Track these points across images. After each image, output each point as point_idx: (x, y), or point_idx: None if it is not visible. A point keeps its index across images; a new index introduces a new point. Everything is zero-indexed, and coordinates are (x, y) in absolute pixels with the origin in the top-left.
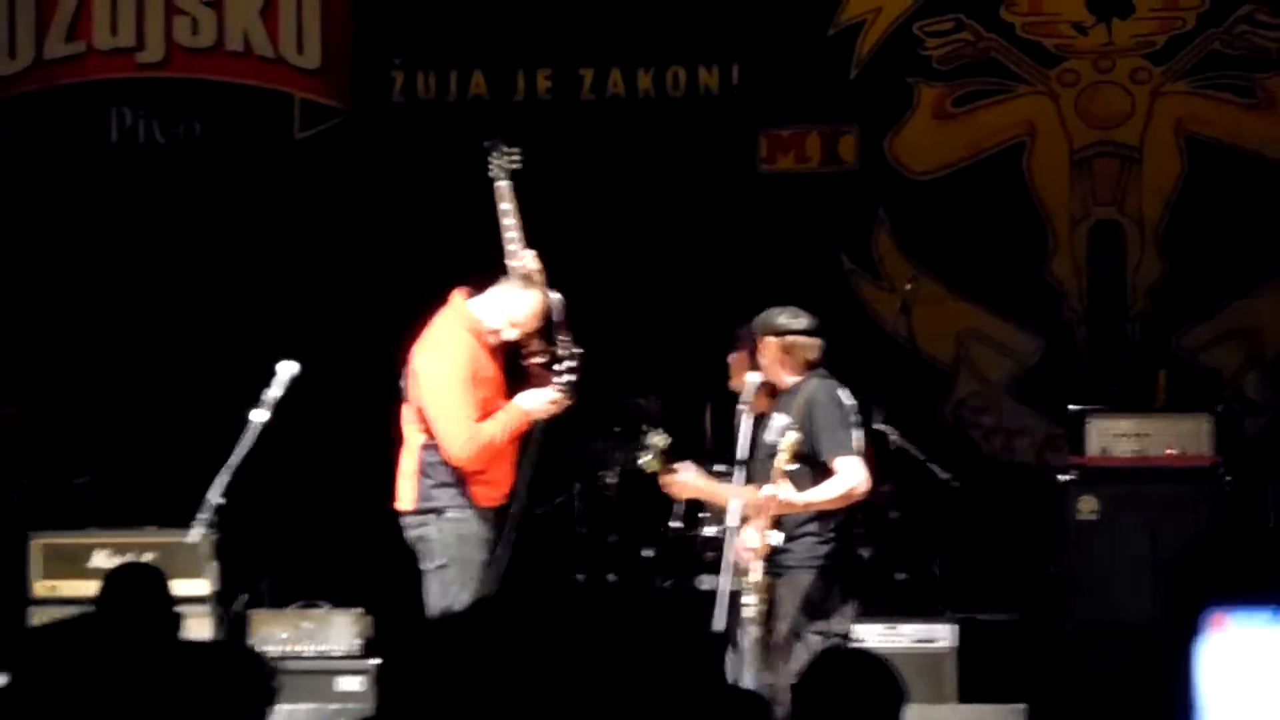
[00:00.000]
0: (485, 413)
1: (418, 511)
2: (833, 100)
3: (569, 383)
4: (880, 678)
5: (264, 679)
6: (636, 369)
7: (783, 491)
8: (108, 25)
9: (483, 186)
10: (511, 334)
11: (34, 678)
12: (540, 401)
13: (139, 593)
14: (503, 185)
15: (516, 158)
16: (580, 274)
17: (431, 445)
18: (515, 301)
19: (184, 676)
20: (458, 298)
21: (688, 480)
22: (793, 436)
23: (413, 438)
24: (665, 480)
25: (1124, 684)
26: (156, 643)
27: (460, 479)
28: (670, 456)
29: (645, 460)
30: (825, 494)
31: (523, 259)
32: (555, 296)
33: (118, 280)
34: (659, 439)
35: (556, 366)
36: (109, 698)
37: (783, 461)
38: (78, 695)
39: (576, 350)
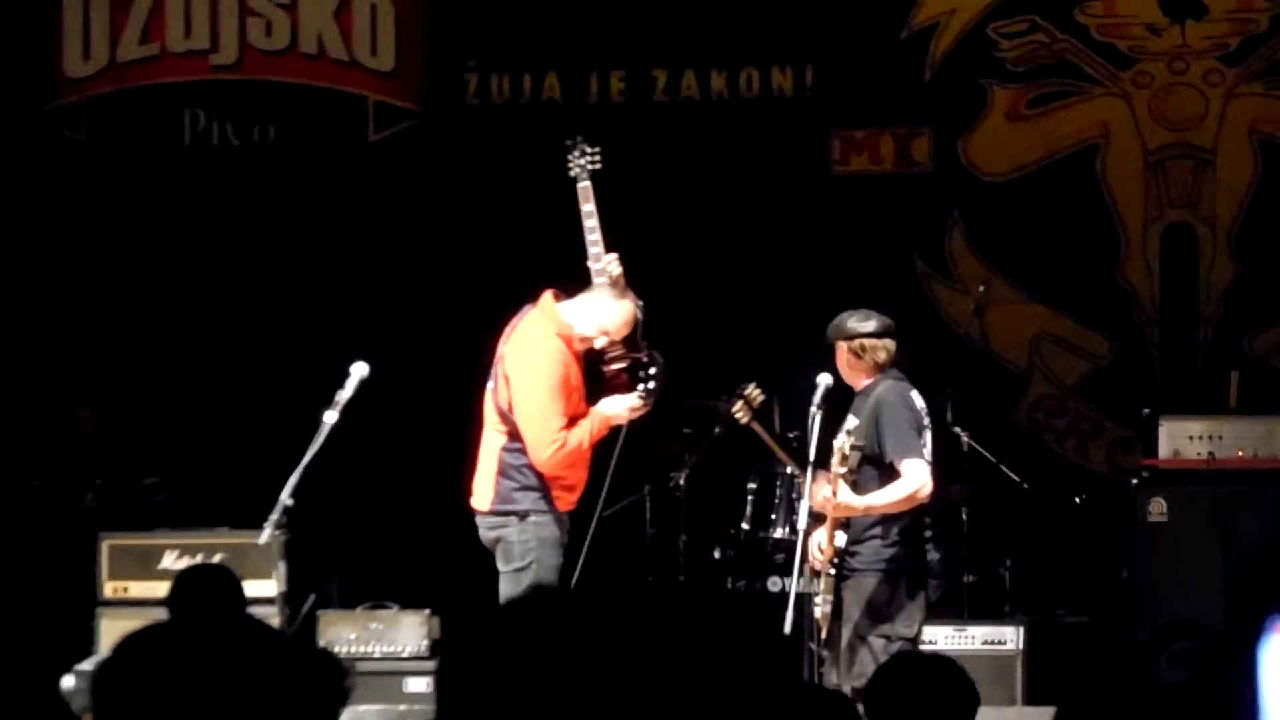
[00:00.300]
0: (571, 418)
1: (496, 513)
2: (906, 102)
3: (650, 390)
4: (955, 681)
5: (338, 679)
6: (709, 370)
7: (841, 495)
8: (181, 27)
9: (557, 188)
10: (602, 341)
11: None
12: (622, 408)
13: (211, 593)
14: (585, 186)
15: (597, 157)
16: (654, 275)
17: (514, 448)
18: (609, 310)
19: (258, 677)
20: (548, 299)
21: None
22: (844, 440)
23: (494, 438)
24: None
25: (1192, 687)
26: (230, 643)
27: (543, 483)
28: (761, 412)
29: (736, 408)
30: (887, 498)
31: (605, 262)
32: (636, 303)
33: (192, 283)
34: (754, 391)
35: (640, 373)
36: (184, 700)
37: (836, 465)
38: (154, 699)
39: (658, 357)
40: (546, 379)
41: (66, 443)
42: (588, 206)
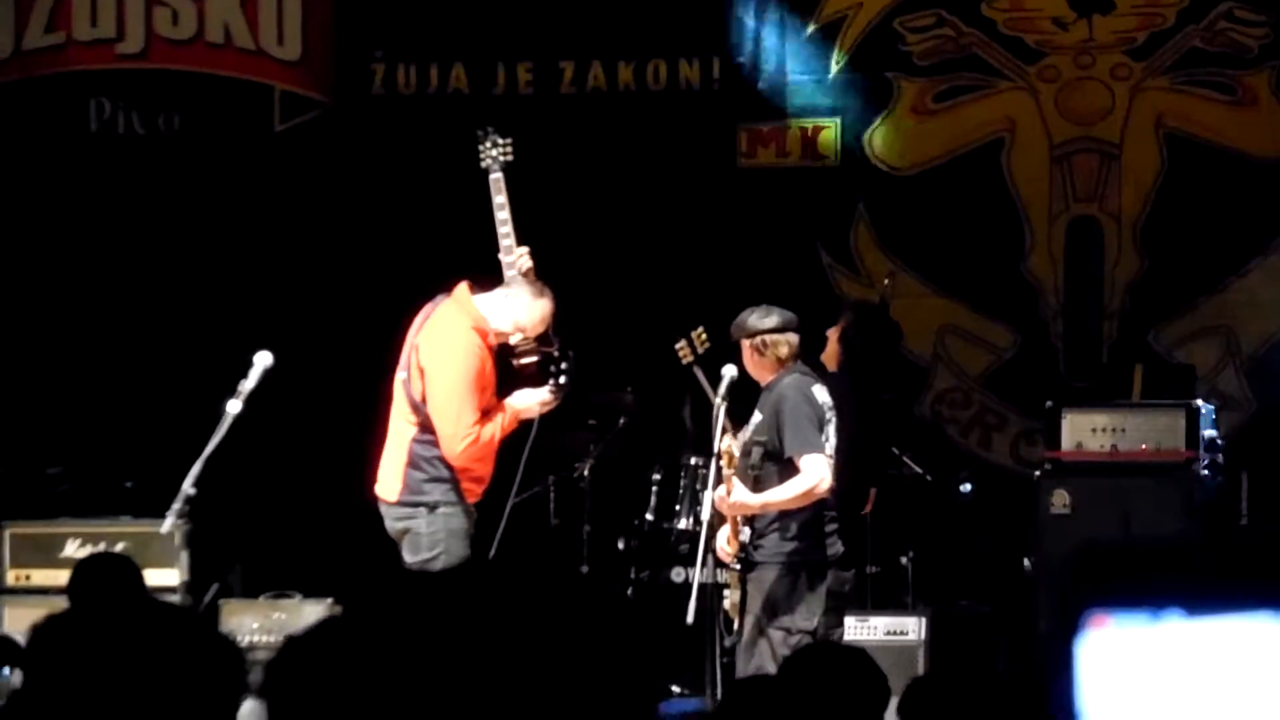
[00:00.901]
0: (484, 412)
1: (405, 504)
2: (812, 95)
3: (561, 384)
4: (866, 672)
5: (238, 667)
6: (613, 363)
7: (735, 493)
8: (88, 16)
9: (464, 179)
10: (516, 337)
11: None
12: (533, 402)
13: (110, 581)
14: (497, 177)
15: (509, 148)
16: (561, 267)
17: (426, 439)
18: (525, 306)
19: (160, 662)
20: (464, 291)
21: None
22: (728, 442)
23: (404, 429)
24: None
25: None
26: (130, 630)
27: (453, 474)
28: (700, 359)
29: (680, 346)
30: (784, 494)
31: (516, 255)
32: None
33: (95, 271)
34: (702, 334)
35: (551, 367)
36: (83, 691)
37: (725, 466)
38: (54, 690)
39: (569, 352)
40: (461, 373)
41: None
42: (499, 199)
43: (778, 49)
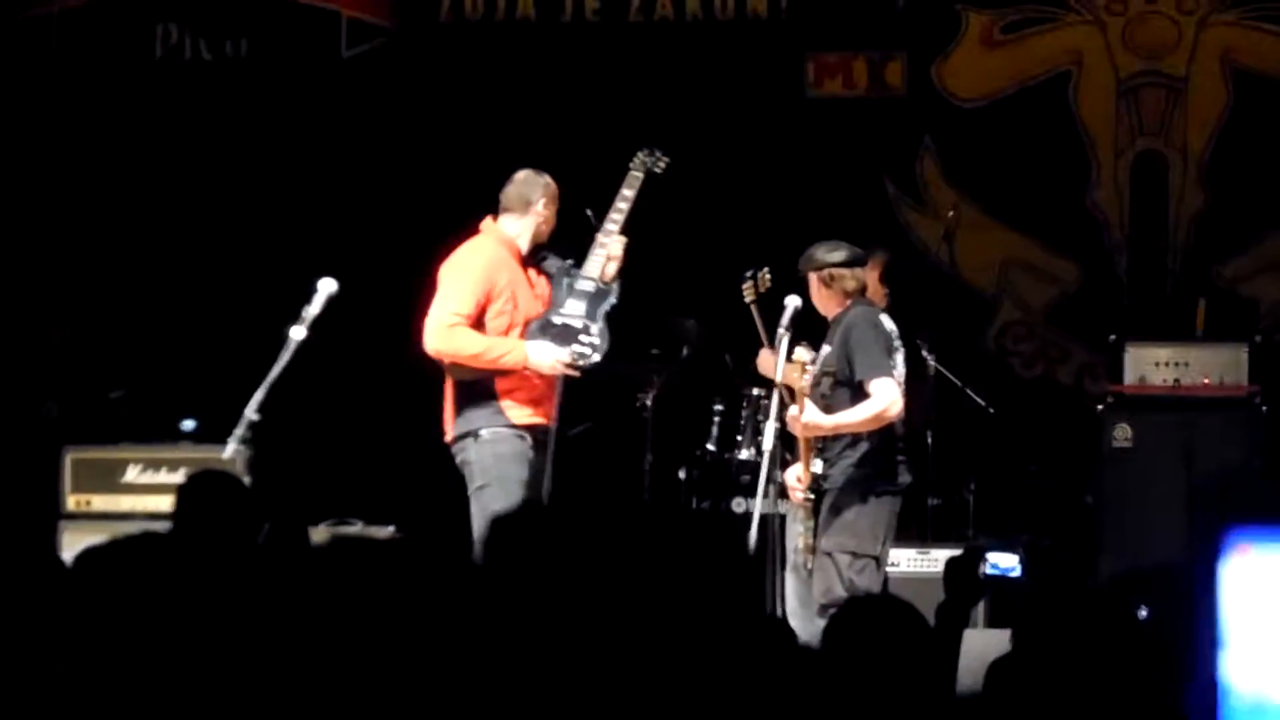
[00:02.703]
0: (510, 325)
1: (456, 438)
2: (881, 26)
3: (584, 354)
4: (910, 626)
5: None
6: (678, 292)
7: (807, 414)
8: None
9: (527, 107)
10: (550, 221)
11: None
12: (546, 358)
13: (217, 500)
14: (638, 176)
15: (663, 164)
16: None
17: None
18: (533, 187)
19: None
20: (488, 221)
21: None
22: (804, 353)
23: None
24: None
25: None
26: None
27: (493, 396)
28: (764, 297)
29: (745, 287)
30: (854, 416)
31: (611, 239)
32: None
33: (161, 197)
34: (765, 274)
35: (581, 337)
36: (194, 611)
37: (795, 379)
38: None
39: (604, 341)
40: (465, 265)
41: (38, 357)
42: (628, 192)
43: None
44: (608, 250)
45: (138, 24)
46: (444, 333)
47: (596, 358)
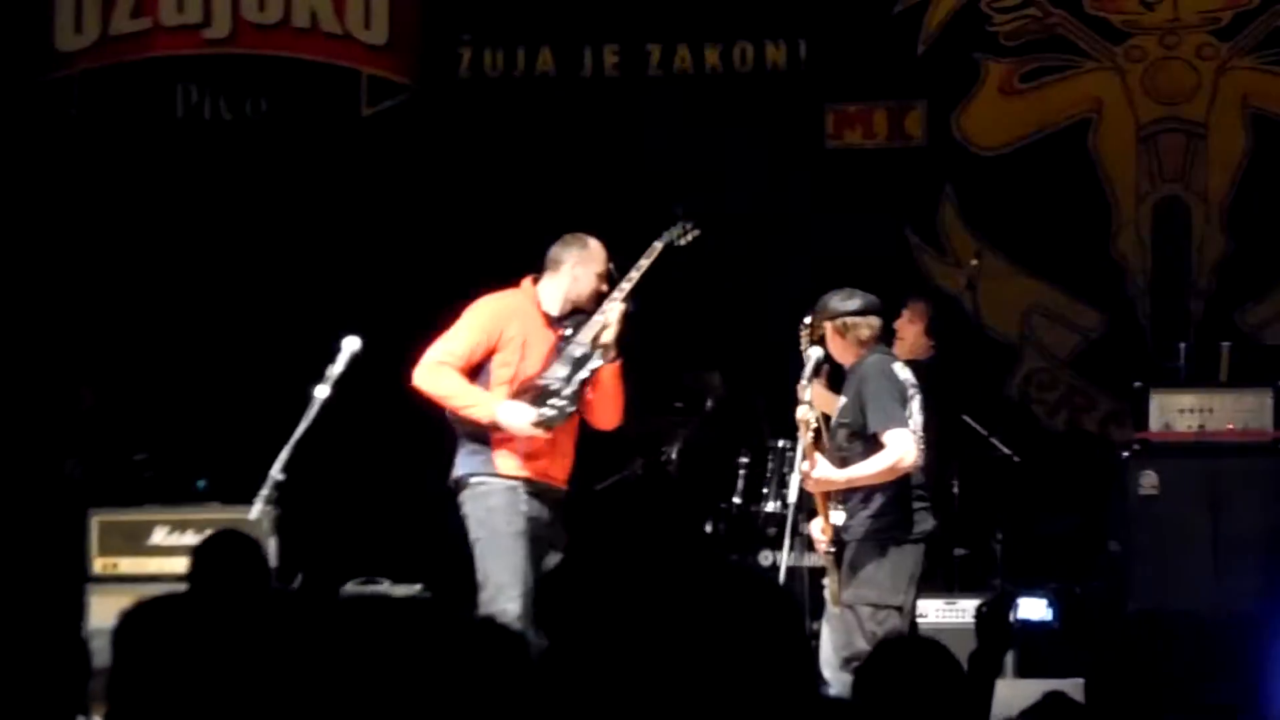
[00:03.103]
0: (514, 377)
1: (454, 484)
2: (900, 76)
3: (544, 420)
4: (944, 667)
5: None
6: (700, 345)
7: (819, 469)
8: (174, 1)
9: (548, 163)
10: (594, 283)
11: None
12: (515, 420)
13: (234, 562)
14: (656, 247)
15: (690, 237)
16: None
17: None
18: (566, 248)
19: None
20: (526, 283)
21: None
22: (806, 411)
23: None
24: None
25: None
26: (257, 613)
27: (485, 444)
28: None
29: (803, 332)
30: (867, 470)
31: (611, 307)
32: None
33: (184, 257)
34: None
35: (553, 400)
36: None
37: (801, 436)
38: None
39: (571, 408)
40: (476, 310)
41: (65, 419)
42: (644, 262)
43: (864, 30)
44: (605, 318)
45: (158, 85)
46: (429, 368)
47: (561, 419)
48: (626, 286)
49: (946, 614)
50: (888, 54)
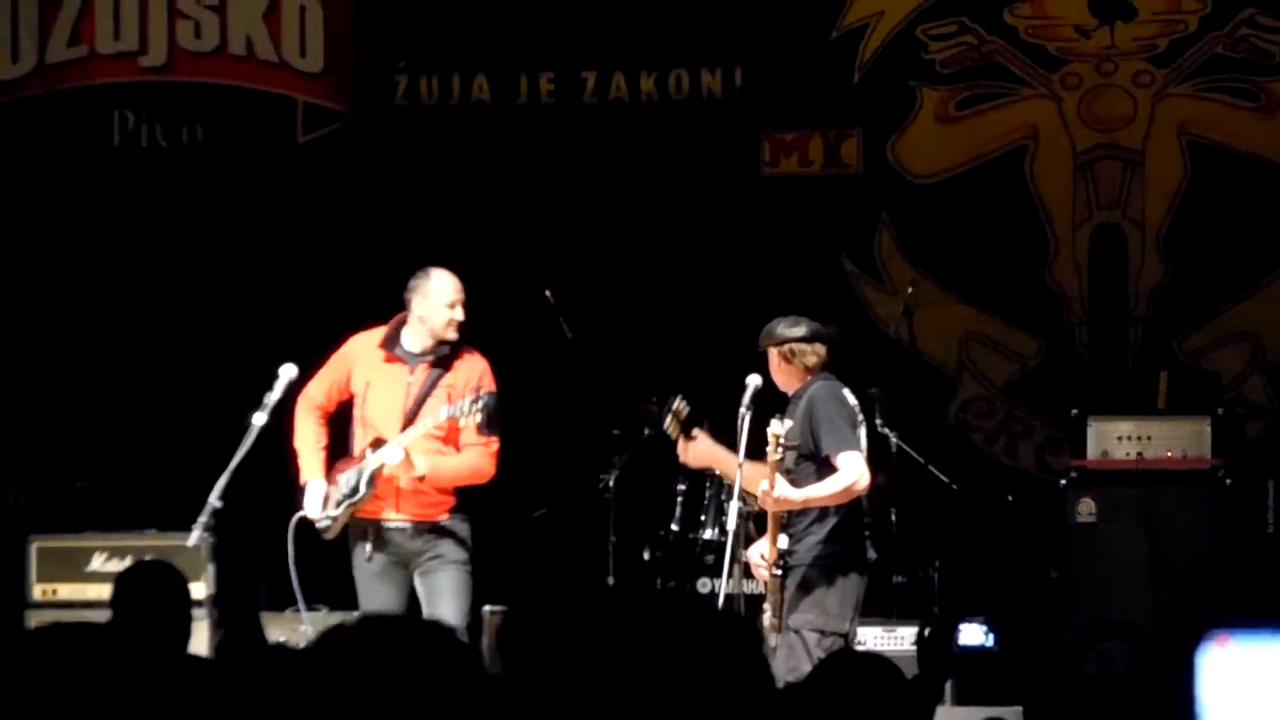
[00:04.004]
0: (362, 418)
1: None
2: (836, 103)
3: (320, 526)
4: (890, 682)
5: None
6: (638, 373)
7: (778, 488)
8: (110, 29)
9: (485, 190)
10: (445, 315)
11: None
12: (307, 503)
13: (155, 593)
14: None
15: (677, 416)
16: (583, 276)
17: None
18: (413, 284)
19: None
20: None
21: (702, 449)
22: (778, 426)
23: None
24: (681, 446)
25: (1124, 686)
26: (174, 646)
27: None
28: (688, 423)
29: (667, 423)
30: (823, 490)
31: (393, 447)
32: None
33: (120, 284)
34: (680, 404)
35: (329, 508)
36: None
37: (771, 452)
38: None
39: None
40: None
41: (12, 446)
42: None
43: (800, 57)
44: (385, 455)
45: (95, 112)
46: (298, 404)
47: (330, 530)
48: (419, 430)
49: (885, 640)
50: (824, 81)
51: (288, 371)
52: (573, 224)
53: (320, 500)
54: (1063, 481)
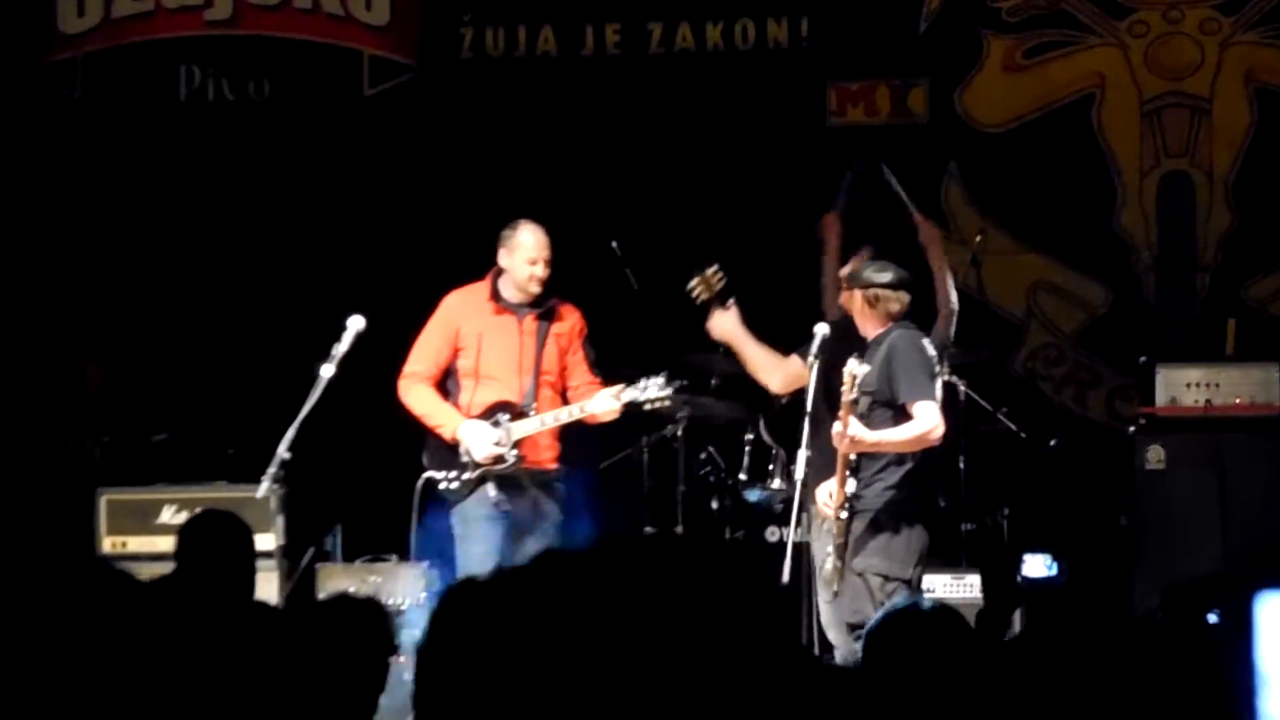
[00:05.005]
0: (475, 370)
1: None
2: (902, 53)
3: (503, 457)
4: (957, 632)
5: (385, 628)
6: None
7: (852, 428)
8: None
9: (550, 141)
10: (527, 270)
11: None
12: (477, 442)
13: (219, 543)
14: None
15: (661, 399)
16: (649, 228)
17: None
18: (502, 238)
19: (308, 632)
20: (493, 273)
21: (728, 323)
22: (855, 366)
23: None
24: (712, 315)
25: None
26: (238, 595)
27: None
28: (723, 294)
29: (695, 285)
30: (899, 435)
31: (609, 399)
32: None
33: (188, 240)
34: (714, 271)
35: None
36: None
37: (846, 393)
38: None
39: (518, 454)
40: (434, 317)
41: (74, 399)
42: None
43: (867, 7)
44: (598, 407)
45: (161, 67)
46: (403, 385)
47: (511, 469)
48: (625, 397)
49: (954, 588)
50: (890, 30)
51: (355, 323)
52: (639, 176)
53: (491, 438)
54: (1131, 429)
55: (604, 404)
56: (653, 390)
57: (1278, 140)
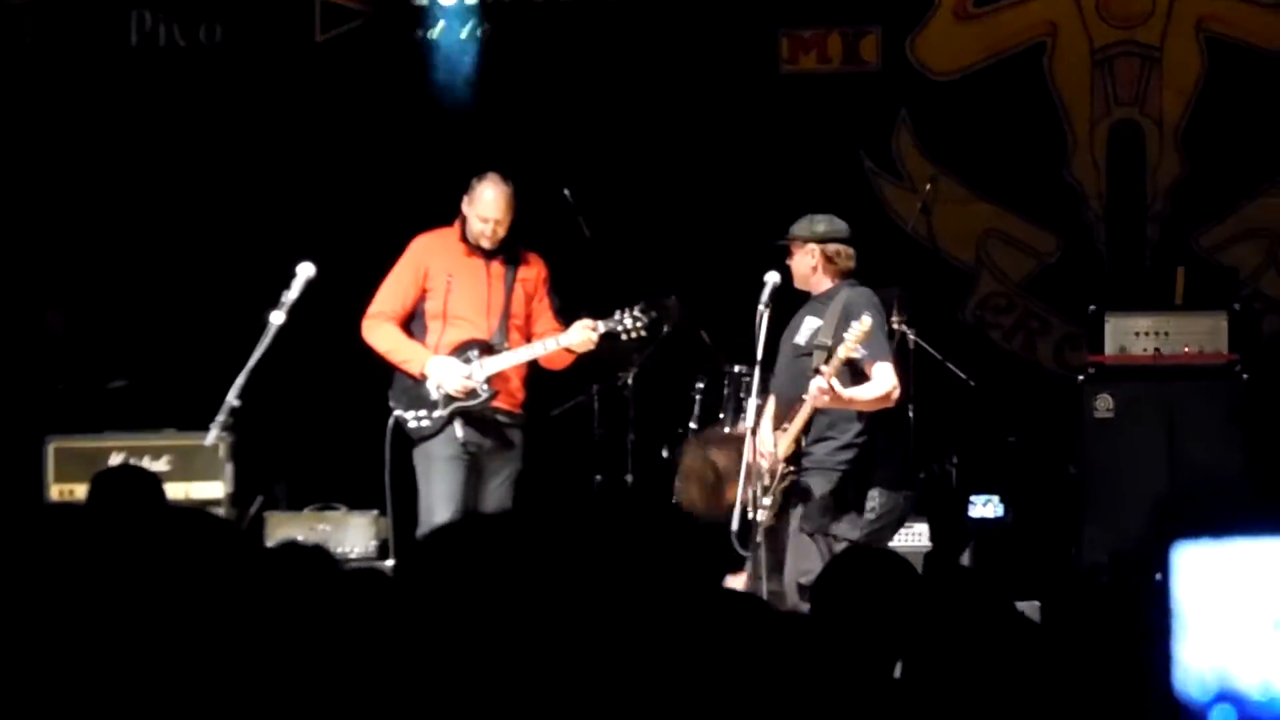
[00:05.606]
0: (443, 311)
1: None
2: (855, 1)
3: (471, 391)
4: (902, 577)
5: (333, 577)
6: (656, 270)
7: (836, 383)
8: None
9: (500, 86)
10: (479, 226)
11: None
12: (447, 375)
13: (131, 496)
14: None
15: (638, 329)
16: (599, 174)
17: None
18: (467, 196)
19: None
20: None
21: None
22: (867, 323)
23: None
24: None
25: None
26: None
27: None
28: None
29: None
30: (866, 393)
31: (586, 330)
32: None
33: (138, 185)
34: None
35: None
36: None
37: (847, 351)
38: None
39: (490, 389)
40: (403, 258)
41: (33, 345)
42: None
43: None
44: (574, 338)
45: (112, 11)
46: (368, 324)
47: (480, 406)
48: (603, 328)
49: (904, 537)
50: None
51: (305, 270)
52: (590, 122)
53: (462, 371)
54: (1080, 377)
55: (580, 335)
56: (629, 320)
57: (1228, 89)
